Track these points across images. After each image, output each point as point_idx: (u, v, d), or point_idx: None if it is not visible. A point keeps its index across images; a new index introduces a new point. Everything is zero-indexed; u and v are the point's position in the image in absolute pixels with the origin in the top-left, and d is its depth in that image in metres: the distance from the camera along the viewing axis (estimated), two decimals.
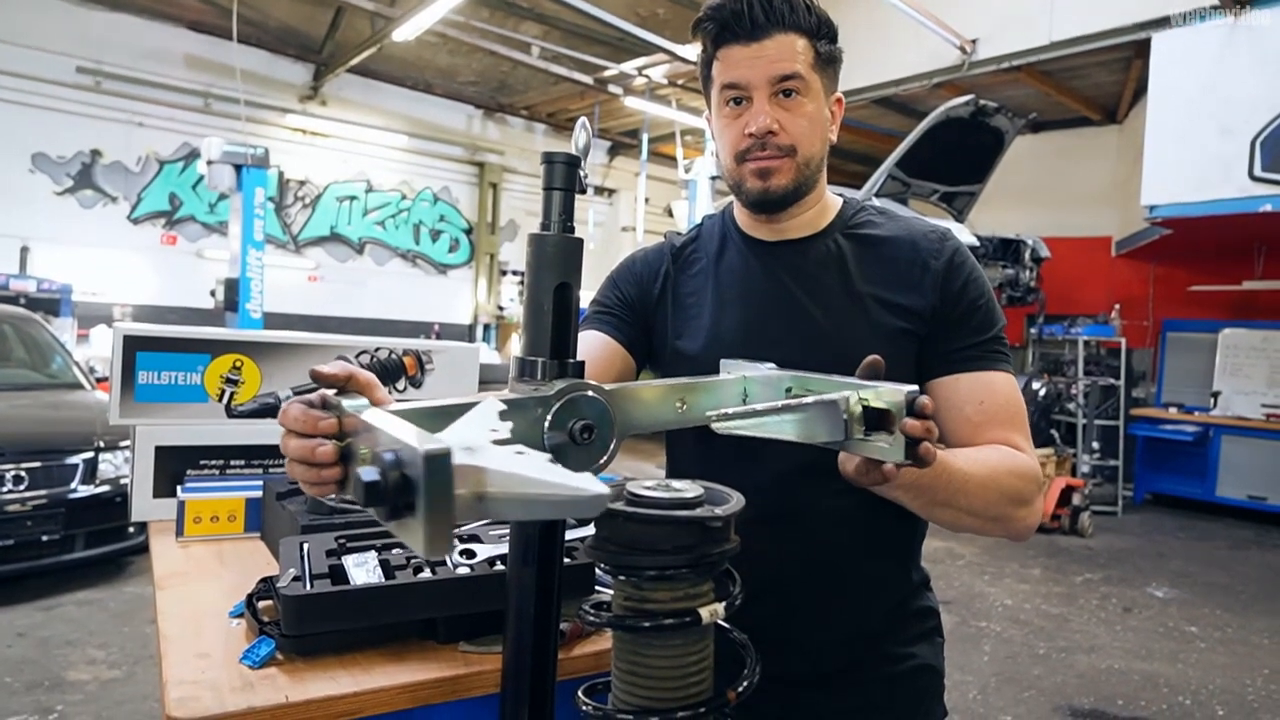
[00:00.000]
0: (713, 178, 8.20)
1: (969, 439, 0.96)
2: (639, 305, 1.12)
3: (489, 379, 2.12)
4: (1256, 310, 8.08)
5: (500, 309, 11.73)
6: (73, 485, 3.95)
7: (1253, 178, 5.79)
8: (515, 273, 12.04)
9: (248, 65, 8.96)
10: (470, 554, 1.02)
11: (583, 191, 0.81)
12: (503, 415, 0.66)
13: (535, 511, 0.54)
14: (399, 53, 9.23)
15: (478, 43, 8.50)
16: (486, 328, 11.58)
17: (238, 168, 5.19)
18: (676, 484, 0.63)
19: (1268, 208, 5.73)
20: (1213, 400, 7.71)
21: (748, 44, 0.96)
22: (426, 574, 0.98)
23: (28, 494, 3.80)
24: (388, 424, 0.55)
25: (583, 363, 0.77)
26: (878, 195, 8.31)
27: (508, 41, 8.70)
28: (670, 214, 11.55)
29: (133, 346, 1.41)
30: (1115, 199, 9.12)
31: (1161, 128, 6.25)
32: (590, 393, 0.73)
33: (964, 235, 7.56)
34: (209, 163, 5.19)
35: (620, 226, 12.75)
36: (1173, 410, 7.80)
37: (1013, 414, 0.97)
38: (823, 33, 0.98)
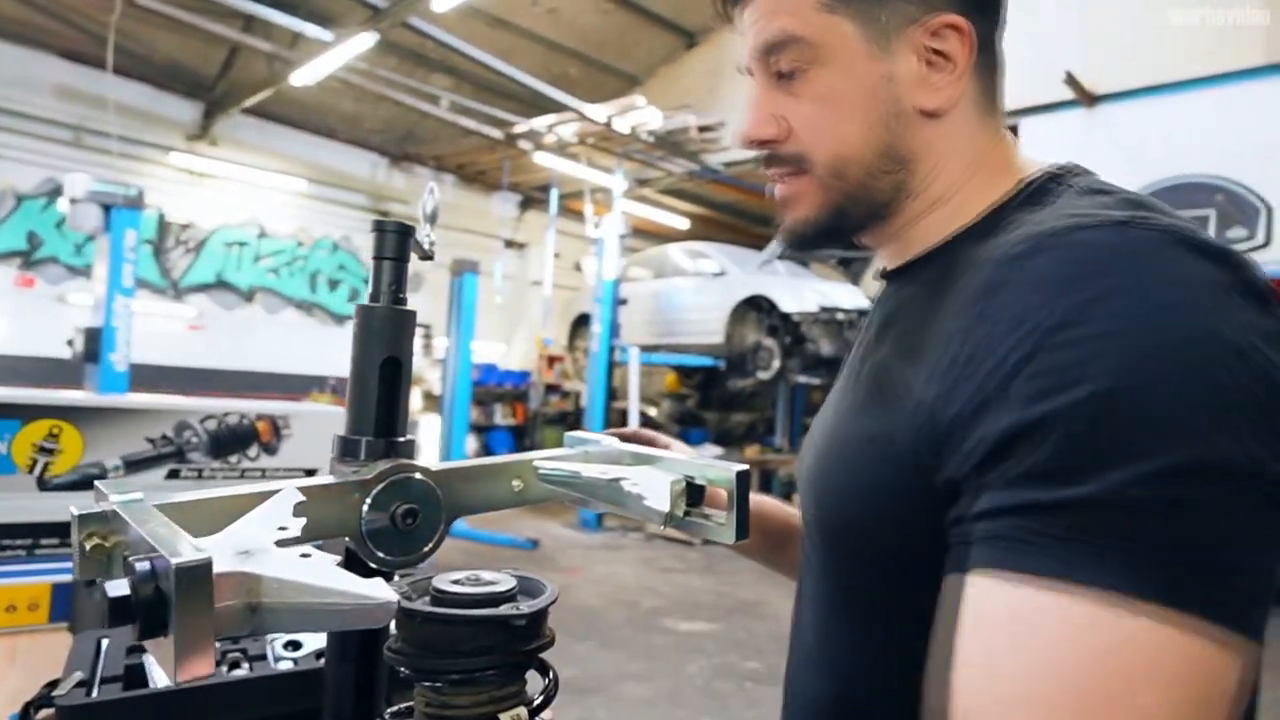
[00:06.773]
0: (621, 236, 8.27)
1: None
2: None
3: None
4: None
5: None
6: None
7: None
8: (420, 325, 11.79)
9: (128, 99, 8.54)
10: (295, 645, 0.93)
11: (429, 258, 0.77)
12: (299, 508, 0.60)
13: (316, 623, 0.49)
14: (300, 96, 9.02)
15: (385, 91, 8.41)
16: None
17: (106, 208, 4.81)
18: (487, 575, 0.59)
19: None
20: None
21: (741, 10, 0.65)
22: (243, 670, 0.88)
23: None
24: (150, 523, 0.48)
25: (412, 441, 0.72)
26: (780, 259, 8.53)
27: (416, 93, 8.65)
28: (579, 269, 11.61)
29: None
30: None
31: None
32: (416, 474, 0.68)
33: (857, 299, 7.87)
34: (72, 201, 4.76)
35: (530, 280, 12.71)
36: None
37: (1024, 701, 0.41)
38: None
